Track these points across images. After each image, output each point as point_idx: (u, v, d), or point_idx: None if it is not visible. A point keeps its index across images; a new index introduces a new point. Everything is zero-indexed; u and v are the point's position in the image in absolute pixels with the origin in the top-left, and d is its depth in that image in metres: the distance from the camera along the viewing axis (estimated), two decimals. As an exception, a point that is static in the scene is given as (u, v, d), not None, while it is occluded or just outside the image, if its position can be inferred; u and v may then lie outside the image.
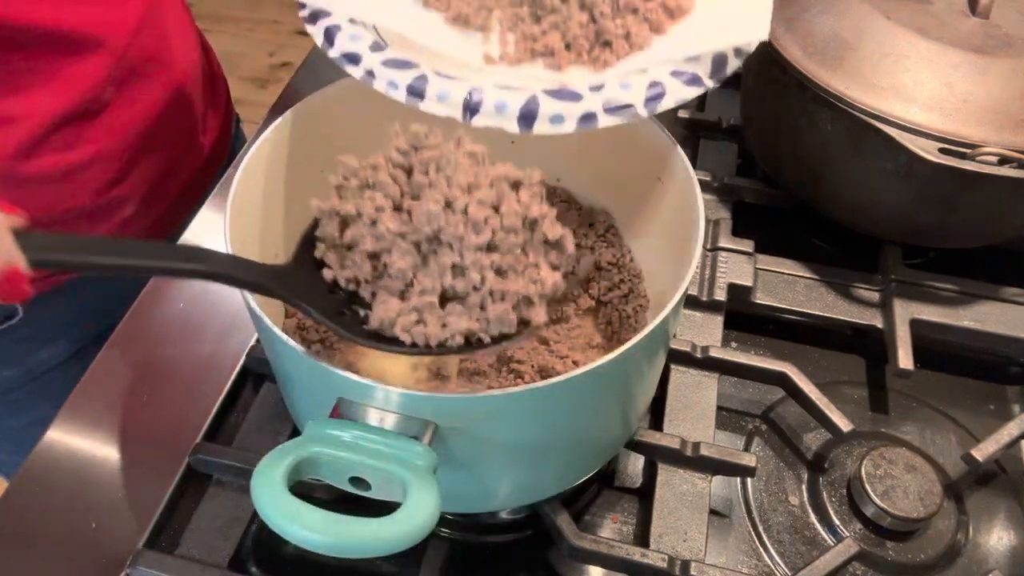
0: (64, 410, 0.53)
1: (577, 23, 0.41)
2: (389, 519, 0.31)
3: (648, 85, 0.38)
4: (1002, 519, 0.50)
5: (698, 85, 0.38)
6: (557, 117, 0.37)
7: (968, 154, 0.49)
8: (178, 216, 0.72)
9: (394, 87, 0.38)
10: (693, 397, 0.52)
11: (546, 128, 0.37)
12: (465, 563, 0.47)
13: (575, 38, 0.41)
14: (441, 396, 0.34)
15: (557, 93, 0.37)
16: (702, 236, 0.40)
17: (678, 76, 0.38)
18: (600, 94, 0.37)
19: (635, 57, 0.40)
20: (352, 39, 0.39)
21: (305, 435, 0.33)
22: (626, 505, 0.50)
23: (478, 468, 0.39)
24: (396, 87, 0.37)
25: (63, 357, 0.69)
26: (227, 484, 0.49)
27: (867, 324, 0.57)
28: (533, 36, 0.41)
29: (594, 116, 0.37)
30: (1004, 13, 0.56)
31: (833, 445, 0.52)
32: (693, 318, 0.57)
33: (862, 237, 0.62)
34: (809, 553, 0.48)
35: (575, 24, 0.41)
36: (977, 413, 0.55)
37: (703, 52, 0.39)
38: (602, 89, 0.38)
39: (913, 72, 0.52)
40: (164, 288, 0.61)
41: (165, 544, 0.46)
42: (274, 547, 0.48)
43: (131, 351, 0.57)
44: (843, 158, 0.56)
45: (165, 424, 0.52)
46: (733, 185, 0.66)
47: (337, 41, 0.39)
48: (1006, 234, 0.59)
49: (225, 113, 0.78)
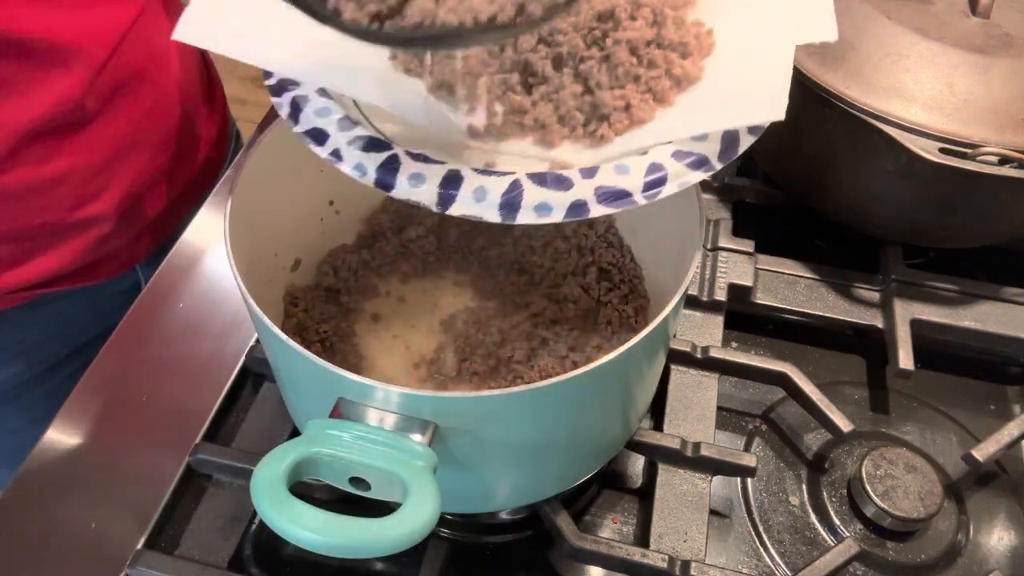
0: (64, 410, 0.53)
1: (571, 94, 0.37)
2: (389, 519, 0.31)
3: (647, 169, 0.34)
4: (1002, 519, 0.50)
5: (706, 168, 0.34)
6: (543, 206, 0.33)
7: (969, 154, 0.49)
8: (161, 235, 0.70)
9: (361, 171, 0.34)
10: (693, 397, 0.52)
11: (531, 218, 0.33)
12: (465, 563, 0.47)
13: (568, 111, 0.37)
14: (441, 396, 0.34)
15: (543, 177, 0.34)
16: (702, 236, 0.40)
17: (682, 158, 0.34)
18: (592, 180, 0.33)
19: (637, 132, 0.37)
20: (319, 113, 0.36)
21: (305, 435, 0.33)
22: (626, 505, 0.50)
23: (478, 468, 0.39)
24: (364, 172, 0.34)
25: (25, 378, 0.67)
26: (227, 484, 0.49)
27: (867, 324, 0.57)
28: (523, 108, 0.37)
29: (585, 206, 0.33)
30: (1005, 13, 0.56)
31: (833, 445, 0.52)
32: (693, 318, 0.57)
33: (862, 237, 0.62)
34: (809, 553, 0.48)
35: (568, 95, 0.37)
36: (977, 413, 0.55)
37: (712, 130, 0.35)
38: (595, 173, 0.34)
39: (914, 72, 0.52)
40: (164, 288, 0.61)
41: (165, 544, 0.46)
42: (274, 547, 0.47)
43: (131, 351, 0.57)
44: (843, 158, 0.56)
45: (165, 424, 0.52)
46: (733, 185, 0.66)
47: (303, 116, 0.36)
48: (1006, 234, 0.59)
49: (221, 124, 0.76)
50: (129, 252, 0.68)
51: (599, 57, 0.37)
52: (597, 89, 0.37)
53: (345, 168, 0.35)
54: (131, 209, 0.64)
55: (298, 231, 0.50)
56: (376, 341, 0.50)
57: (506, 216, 0.33)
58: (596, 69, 0.37)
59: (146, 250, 0.69)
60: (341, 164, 0.35)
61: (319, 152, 0.35)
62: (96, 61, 0.56)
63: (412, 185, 0.34)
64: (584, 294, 0.51)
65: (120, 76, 0.58)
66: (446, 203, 0.33)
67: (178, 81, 0.64)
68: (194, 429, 0.50)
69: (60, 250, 0.61)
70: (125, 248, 0.67)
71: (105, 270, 0.66)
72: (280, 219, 0.47)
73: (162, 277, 0.62)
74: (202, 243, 0.64)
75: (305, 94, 0.37)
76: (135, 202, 0.64)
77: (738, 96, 0.36)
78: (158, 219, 0.68)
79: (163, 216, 0.69)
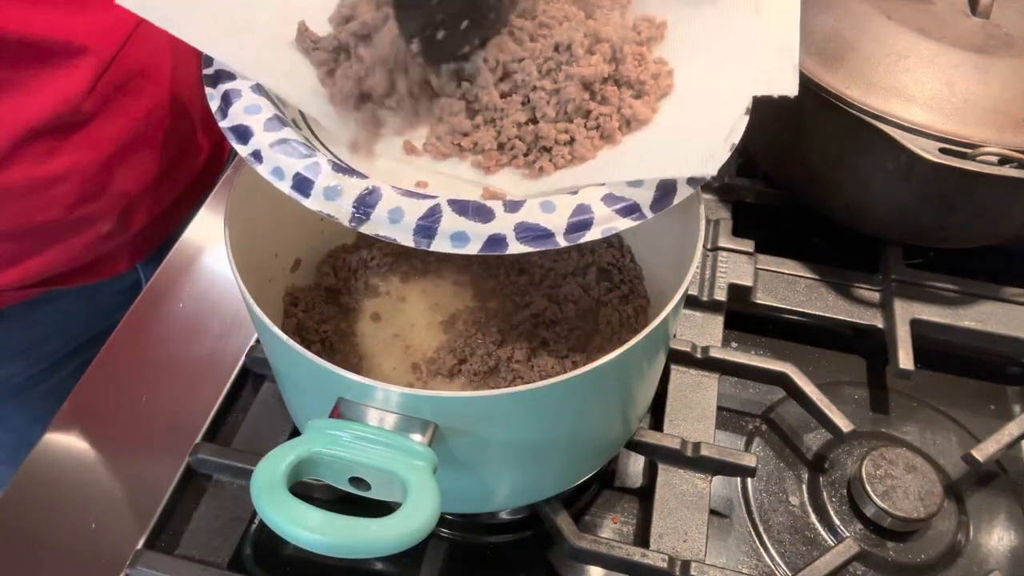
0: (64, 410, 0.53)
1: (513, 122, 0.36)
2: (389, 519, 0.31)
3: (574, 210, 0.32)
4: (1002, 519, 0.50)
5: (635, 216, 0.33)
6: (460, 235, 0.32)
7: (968, 154, 0.49)
8: (161, 233, 0.70)
9: (279, 176, 0.33)
10: (693, 397, 0.52)
11: (446, 247, 0.32)
12: (465, 563, 0.47)
13: (510, 138, 0.36)
14: (441, 396, 0.34)
15: (464, 206, 0.32)
16: (702, 236, 0.40)
17: (613, 203, 0.33)
18: (515, 215, 0.32)
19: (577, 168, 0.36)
20: (248, 111, 0.35)
21: (305, 435, 0.33)
22: (626, 505, 0.50)
23: (478, 468, 0.39)
24: (281, 176, 0.33)
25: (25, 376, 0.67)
26: (227, 484, 0.49)
27: (867, 324, 0.57)
28: (464, 130, 0.37)
29: (504, 241, 0.32)
30: (1005, 13, 0.56)
31: (833, 445, 0.52)
32: (693, 318, 0.57)
33: (862, 237, 0.62)
34: (809, 553, 0.48)
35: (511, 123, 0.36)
36: (977, 413, 0.55)
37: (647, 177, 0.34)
38: (519, 208, 0.33)
39: (914, 72, 0.52)
40: (164, 288, 0.61)
41: (165, 544, 0.46)
42: (274, 547, 0.48)
43: (131, 351, 0.57)
44: (843, 158, 0.56)
45: (165, 424, 0.52)
46: (733, 185, 0.65)
47: (231, 111, 0.35)
48: (1006, 234, 0.59)
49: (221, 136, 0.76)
50: (129, 251, 0.68)
51: (550, 89, 0.37)
52: (542, 120, 0.36)
53: (263, 172, 0.34)
54: (131, 208, 0.64)
55: (298, 231, 0.50)
56: (376, 341, 0.50)
57: (419, 242, 0.32)
58: (544, 101, 0.36)
59: (146, 249, 0.69)
60: (259, 166, 0.34)
61: (240, 150, 0.34)
62: (102, 60, 0.56)
63: (327, 197, 0.33)
64: (584, 294, 0.51)
65: (122, 76, 0.58)
66: (360, 221, 0.32)
67: (178, 80, 0.64)
68: (194, 429, 0.50)
69: (60, 248, 0.61)
70: (125, 247, 0.67)
71: (105, 269, 0.66)
72: (280, 219, 0.47)
73: (162, 277, 0.62)
74: (202, 243, 0.64)
75: (238, 88, 0.35)
76: (135, 201, 0.64)
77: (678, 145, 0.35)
78: (158, 218, 0.68)
79: (163, 215, 0.68)
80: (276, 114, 0.35)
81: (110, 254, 0.66)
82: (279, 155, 0.33)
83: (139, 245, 0.68)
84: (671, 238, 0.45)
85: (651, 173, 0.33)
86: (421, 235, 0.32)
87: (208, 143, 0.73)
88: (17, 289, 0.61)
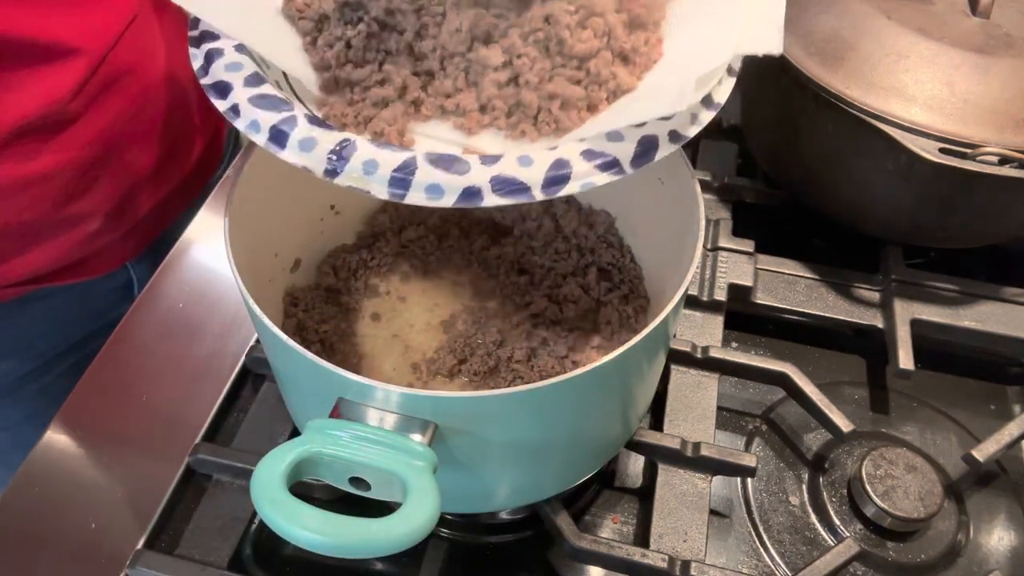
0: (64, 410, 0.53)
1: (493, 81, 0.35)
2: (389, 519, 0.31)
3: (552, 164, 0.32)
4: (1003, 519, 0.50)
5: (615, 171, 0.33)
6: (434, 187, 0.32)
7: (968, 154, 0.49)
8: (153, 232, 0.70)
9: (255, 129, 0.33)
10: (693, 397, 0.52)
11: (421, 199, 0.32)
12: (465, 563, 0.47)
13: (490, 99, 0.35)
14: (441, 396, 0.34)
15: (440, 159, 0.32)
16: (702, 236, 0.40)
17: (592, 158, 0.33)
18: (491, 168, 0.32)
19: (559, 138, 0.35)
20: (229, 68, 0.35)
21: (305, 435, 0.33)
22: (626, 505, 0.50)
23: (478, 468, 0.39)
24: (258, 129, 0.33)
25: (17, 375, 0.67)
26: (227, 484, 0.49)
27: (868, 324, 0.57)
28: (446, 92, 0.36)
29: (479, 193, 0.32)
30: (1005, 13, 0.56)
31: (833, 445, 0.52)
32: (693, 318, 0.57)
33: (862, 237, 0.62)
34: (809, 553, 0.48)
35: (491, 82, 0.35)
36: (977, 413, 0.55)
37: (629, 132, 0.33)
38: (496, 162, 0.32)
39: (914, 72, 0.52)
40: (164, 288, 0.61)
41: (165, 544, 0.46)
42: (274, 547, 0.48)
43: (131, 351, 0.57)
44: (843, 158, 0.56)
45: (165, 424, 0.52)
46: (733, 185, 0.65)
47: (212, 68, 0.35)
48: (1006, 234, 0.59)
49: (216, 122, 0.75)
50: (119, 249, 0.68)
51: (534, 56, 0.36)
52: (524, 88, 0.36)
53: (240, 125, 0.34)
54: (120, 206, 0.64)
55: (298, 231, 0.50)
56: (376, 341, 0.50)
57: (394, 193, 0.32)
58: (528, 68, 0.36)
59: (137, 248, 0.69)
60: (237, 120, 0.34)
61: (219, 106, 0.34)
62: (93, 60, 0.56)
63: (302, 149, 0.33)
64: (584, 294, 0.51)
65: (111, 75, 0.58)
66: (334, 172, 0.32)
67: (167, 78, 0.64)
68: (194, 429, 0.50)
69: (48, 246, 0.61)
70: (115, 245, 0.67)
71: (95, 267, 0.66)
72: (280, 219, 0.47)
73: (162, 277, 0.62)
74: (202, 243, 0.64)
75: (221, 47, 0.36)
76: (124, 199, 0.64)
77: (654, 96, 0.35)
78: (149, 217, 0.68)
79: (154, 214, 0.68)
80: (256, 71, 0.35)
81: (99, 252, 0.66)
82: (256, 109, 0.34)
83: (130, 243, 0.68)
84: (671, 238, 0.45)
85: (626, 121, 0.33)
86: (395, 187, 0.32)
87: (202, 141, 0.73)
88: (6, 287, 0.61)
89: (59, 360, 0.68)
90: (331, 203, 0.52)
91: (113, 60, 0.57)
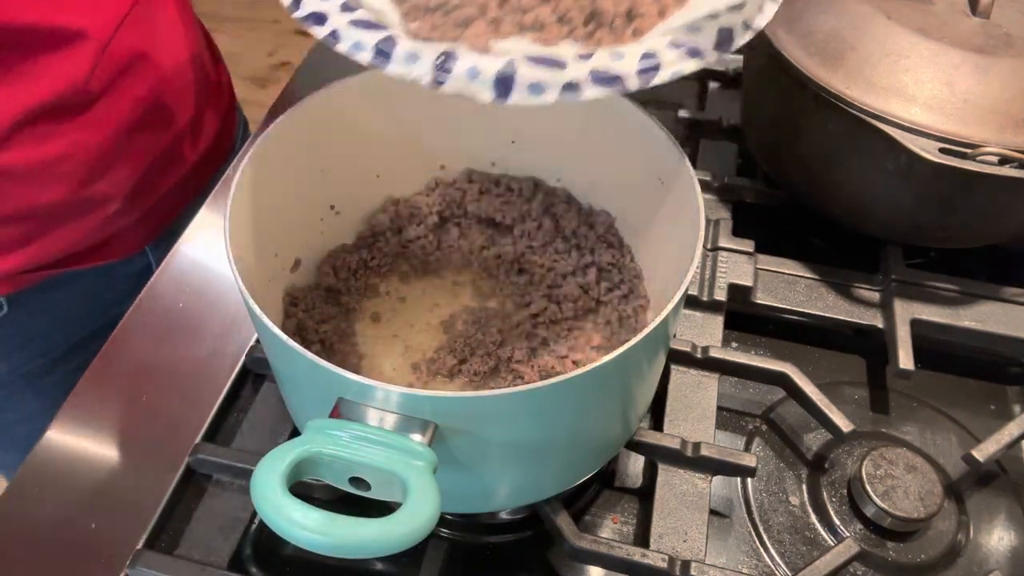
0: (64, 410, 0.53)
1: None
2: (389, 519, 0.31)
3: (642, 56, 0.34)
4: (1003, 519, 0.50)
5: (699, 57, 0.35)
6: (536, 86, 0.33)
7: (969, 154, 0.49)
8: (170, 214, 0.71)
9: (360, 48, 0.35)
10: (693, 397, 0.52)
11: (524, 97, 0.33)
12: (465, 563, 0.47)
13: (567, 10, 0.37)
14: (441, 396, 0.34)
15: (538, 58, 0.34)
16: (702, 236, 0.40)
17: (677, 47, 0.35)
18: (587, 63, 0.34)
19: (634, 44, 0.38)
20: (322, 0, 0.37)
21: (305, 435, 0.33)
22: (626, 505, 0.50)
23: (478, 468, 0.39)
24: (362, 48, 0.35)
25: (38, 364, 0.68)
26: (227, 484, 0.49)
27: (868, 324, 0.57)
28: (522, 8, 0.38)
29: (578, 86, 0.33)
30: (1005, 13, 0.56)
31: (833, 445, 0.52)
32: (693, 318, 0.57)
33: (862, 237, 0.62)
34: (809, 553, 0.48)
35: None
36: (977, 413, 0.55)
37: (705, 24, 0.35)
38: (591, 57, 0.34)
39: (914, 72, 0.52)
40: (164, 288, 0.61)
41: (165, 544, 0.46)
42: (274, 547, 0.48)
43: (131, 351, 0.57)
44: (843, 158, 0.56)
45: (165, 424, 0.52)
46: (733, 185, 0.65)
47: (304, 2, 0.37)
48: (1006, 234, 0.59)
49: (227, 114, 0.77)
50: (138, 232, 0.69)
51: None
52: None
53: (343, 47, 0.35)
54: (138, 189, 0.65)
55: (298, 231, 0.50)
56: (376, 341, 0.50)
57: (499, 95, 0.33)
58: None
59: (156, 230, 0.71)
60: (339, 44, 0.35)
61: (318, 32, 0.36)
62: (100, 43, 0.57)
63: (407, 62, 0.34)
64: (584, 294, 0.51)
65: (122, 57, 0.59)
66: (440, 80, 0.34)
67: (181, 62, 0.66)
68: (194, 429, 0.50)
69: (68, 229, 0.62)
70: (133, 227, 0.68)
71: (116, 249, 0.67)
72: (280, 219, 0.47)
73: (162, 277, 0.62)
74: (202, 243, 0.64)
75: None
76: (142, 181, 0.65)
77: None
78: (166, 199, 0.69)
79: (171, 196, 0.70)
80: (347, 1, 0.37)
81: (119, 234, 0.67)
82: (357, 30, 0.35)
83: (149, 225, 0.70)
84: (671, 238, 0.45)
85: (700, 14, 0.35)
86: (500, 88, 0.33)
87: (215, 120, 0.74)
88: (28, 272, 0.61)
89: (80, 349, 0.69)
90: (331, 203, 0.52)
91: (120, 42, 0.59)
